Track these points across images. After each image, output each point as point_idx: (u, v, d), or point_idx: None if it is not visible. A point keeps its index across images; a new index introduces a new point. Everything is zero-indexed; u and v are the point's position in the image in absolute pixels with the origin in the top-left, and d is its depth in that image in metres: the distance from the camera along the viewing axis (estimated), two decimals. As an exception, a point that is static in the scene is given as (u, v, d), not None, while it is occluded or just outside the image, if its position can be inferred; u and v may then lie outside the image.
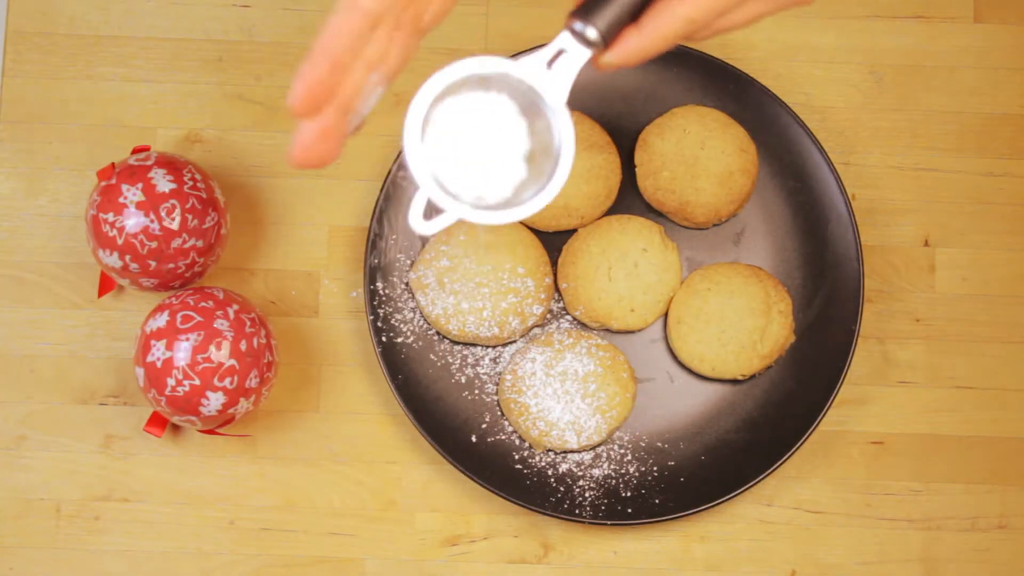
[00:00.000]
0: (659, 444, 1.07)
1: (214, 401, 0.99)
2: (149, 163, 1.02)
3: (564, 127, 0.77)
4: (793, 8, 0.79)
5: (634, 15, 0.75)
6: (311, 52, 0.73)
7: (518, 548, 1.07)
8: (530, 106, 0.78)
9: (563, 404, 1.04)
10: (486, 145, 0.78)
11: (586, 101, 1.10)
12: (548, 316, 1.08)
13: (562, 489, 1.05)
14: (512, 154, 0.79)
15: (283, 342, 1.08)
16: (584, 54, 0.76)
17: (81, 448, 1.07)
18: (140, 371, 1.00)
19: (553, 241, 1.09)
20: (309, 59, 0.73)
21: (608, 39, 0.76)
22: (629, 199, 1.10)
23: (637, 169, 1.09)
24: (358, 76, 0.74)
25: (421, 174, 0.76)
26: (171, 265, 1.02)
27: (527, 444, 1.06)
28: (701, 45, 1.11)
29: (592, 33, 0.75)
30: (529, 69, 0.77)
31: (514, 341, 1.08)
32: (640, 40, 0.76)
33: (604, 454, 1.06)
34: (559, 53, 0.77)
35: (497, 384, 1.07)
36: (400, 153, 1.08)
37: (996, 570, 1.07)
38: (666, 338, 1.08)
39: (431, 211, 0.77)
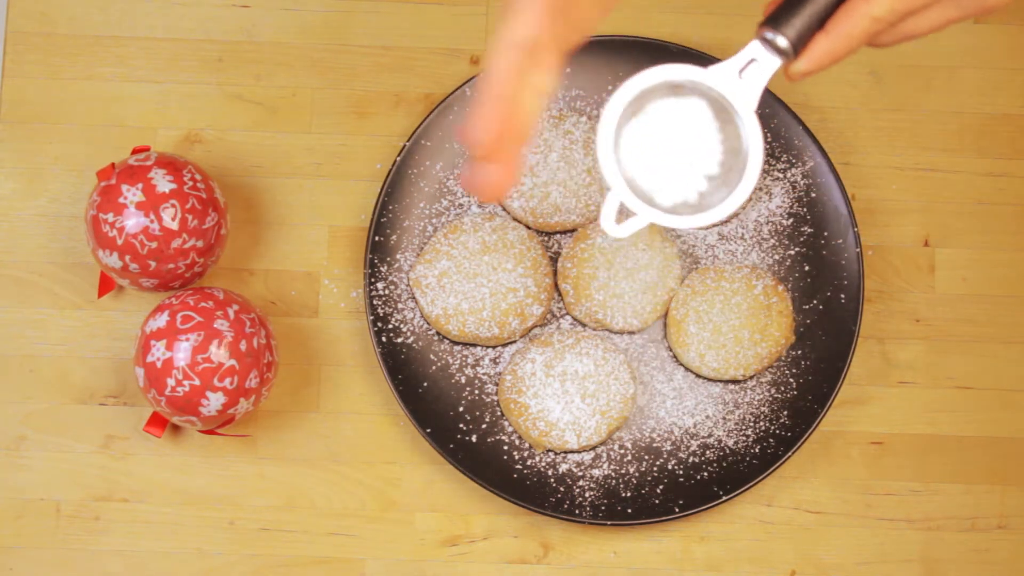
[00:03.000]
0: (659, 444, 1.07)
1: (214, 401, 0.99)
2: (149, 163, 1.02)
3: (753, 134, 0.78)
4: (980, 16, 0.79)
5: (822, 23, 0.77)
6: (484, 95, 0.75)
7: (518, 548, 1.07)
8: (720, 112, 0.79)
9: (563, 404, 1.04)
10: (679, 152, 0.80)
11: (587, 101, 1.10)
12: (548, 316, 1.08)
13: (562, 489, 1.05)
14: (706, 158, 0.80)
15: (283, 342, 1.08)
16: (774, 63, 0.78)
17: (81, 448, 1.07)
18: (140, 371, 1.00)
19: (553, 241, 1.09)
20: (483, 102, 0.75)
21: (798, 48, 0.77)
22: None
23: (637, 169, 1.09)
24: (529, 105, 0.76)
25: (614, 178, 0.78)
26: (171, 265, 1.02)
27: (527, 444, 1.06)
28: (701, 45, 1.11)
29: (783, 42, 0.77)
30: (720, 77, 0.78)
31: (514, 341, 1.08)
32: (829, 43, 0.77)
33: (604, 454, 1.06)
34: (750, 62, 0.78)
35: (497, 384, 1.07)
36: (400, 153, 1.08)
37: (996, 570, 1.07)
38: (666, 338, 1.08)
39: (624, 215, 0.79)
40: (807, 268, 1.09)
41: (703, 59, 1.07)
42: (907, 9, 0.77)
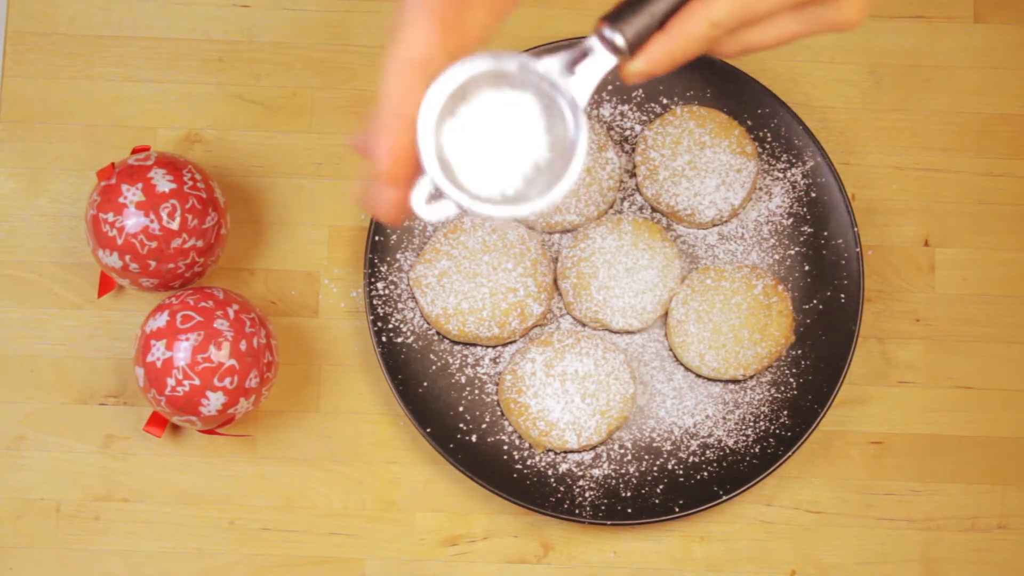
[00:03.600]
0: (659, 444, 1.07)
1: (214, 401, 0.99)
2: (149, 163, 1.02)
3: (580, 130, 0.77)
4: (830, 33, 0.78)
5: (662, 24, 0.76)
6: (380, 115, 0.74)
7: (518, 548, 1.07)
8: (549, 105, 0.78)
9: (563, 404, 1.04)
10: (502, 142, 0.79)
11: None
12: (548, 316, 1.08)
13: (562, 489, 1.05)
14: (526, 153, 0.79)
15: (283, 342, 1.08)
16: (610, 60, 0.77)
17: (81, 448, 1.07)
18: (140, 371, 1.00)
19: (553, 241, 1.09)
20: (380, 124, 0.74)
21: (635, 47, 0.76)
22: (629, 199, 1.10)
23: (637, 169, 1.09)
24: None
25: (429, 160, 0.76)
26: (171, 265, 1.02)
27: (527, 444, 1.06)
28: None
29: (620, 40, 0.76)
30: (552, 69, 0.77)
31: (514, 341, 1.08)
32: (666, 44, 0.76)
33: (604, 454, 1.06)
34: (584, 56, 0.77)
35: (497, 384, 1.07)
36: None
37: (996, 570, 1.07)
38: (666, 338, 1.08)
39: (436, 198, 0.78)
40: (807, 268, 1.09)
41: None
42: (745, 16, 0.75)
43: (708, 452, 1.06)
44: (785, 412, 1.06)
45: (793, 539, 1.07)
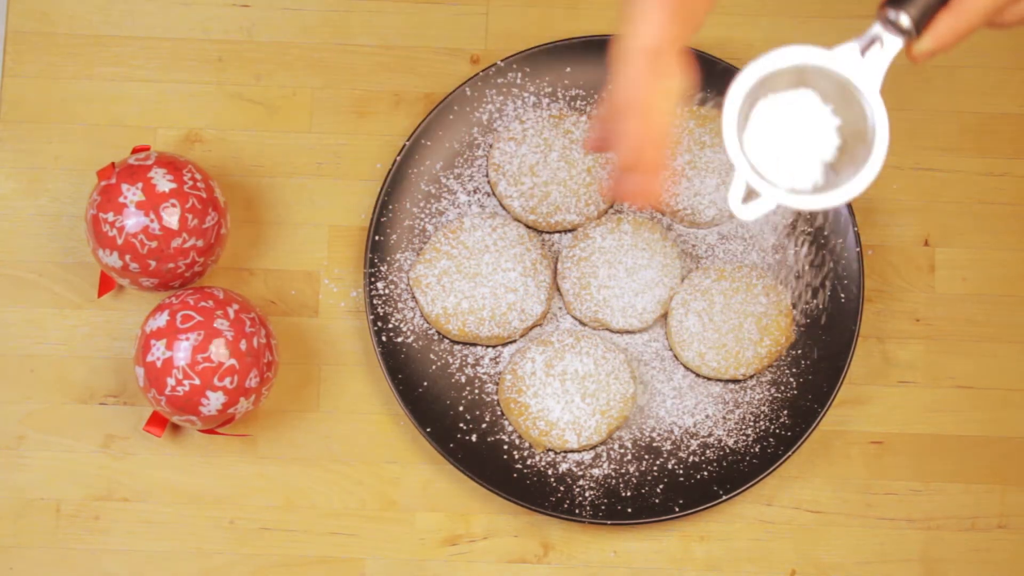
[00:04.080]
0: (659, 444, 1.07)
1: (214, 401, 0.99)
2: (149, 163, 1.02)
3: (878, 114, 0.79)
4: None
5: (944, 1, 0.77)
6: (617, 104, 0.75)
7: (518, 548, 1.07)
8: (843, 94, 0.80)
9: (563, 404, 1.04)
10: (802, 135, 0.81)
11: (587, 101, 1.10)
12: (548, 316, 1.08)
13: (562, 489, 1.05)
14: (826, 143, 0.81)
15: (283, 342, 1.08)
16: (897, 42, 0.79)
17: (81, 448, 1.07)
18: (140, 371, 1.00)
19: (553, 241, 1.09)
20: (620, 113, 0.75)
21: (920, 26, 0.78)
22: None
23: (637, 169, 1.09)
24: (662, 109, 0.76)
25: (740, 161, 0.78)
26: (171, 265, 1.02)
27: (527, 444, 1.06)
28: (701, 45, 1.11)
29: (905, 20, 0.78)
30: (844, 59, 0.79)
31: (514, 341, 1.08)
32: (952, 20, 0.77)
33: (604, 454, 1.06)
34: (872, 42, 0.79)
35: (497, 384, 1.07)
36: (400, 152, 1.08)
37: (996, 570, 1.07)
38: (666, 338, 1.08)
39: (751, 197, 0.80)
40: (807, 268, 1.09)
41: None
42: None
43: (708, 452, 1.06)
44: (785, 412, 1.06)
45: (793, 539, 1.07)
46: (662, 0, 0.76)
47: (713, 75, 1.10)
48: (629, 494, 1.05)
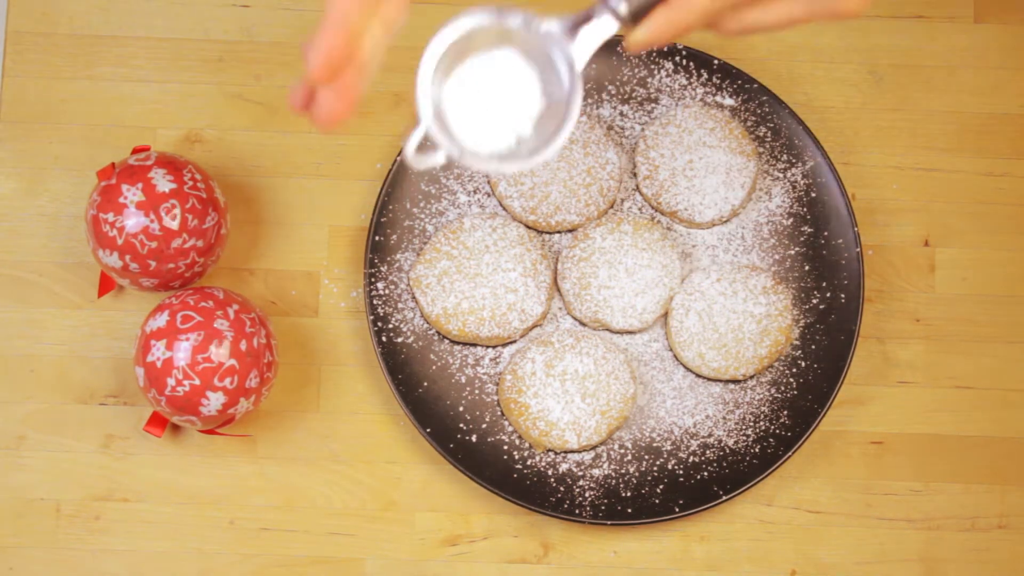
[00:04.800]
0: (659, 444, 1.07)
1: (214, 401, 0.99)
2: (149, 163, 1.02)
3: (576, 92, 0.78)
4: (831, 20, 0.78)
5: None
6: (324, 19, 0.74)
7: (518, 548, 1.07)
8: (547, 64, 0.79)
9: (563, 404, 1.04)
10: (498, 99, 0.80)
11: (586, 100, 1.10)
12: (548, 316, 1.08)
13: (562, 489, 1.05)
14: (522, 111, 0.80)
15: (283, 342, 1.08)
16: (612, 26, 0.78)
17: (81, 448, 1.07)
18: (140, 371, 1.00)
19: (553, 241, 1.09)
20: (323, 27, 0.74)
21: (638, 17, 0.77)
22: (629, 199, 1.10)
23: (637, 169, 1.09)
24: (374, 35, 0.75)
25: (425, 110, 0.78)
26: (171, 265, 1.02)
27: (527, 444, 1.06)
28: (701, 45, 1.11)
29: (623, 7, 0.77)
30: (555, 30, 0.78)
31: (514, 341, 1.08)
32: (668, 14, 0.77)
33: (604, 454, 1.06)
34: (587, 20, 0.78)
35: (497, 384, 1.07)
36: (400, 153, 1.08)
37: (996, 570, 1.07)
38: (666, 338, 1.08)
39: (427, 149, 0.79)
40: (807, 268, 1.09)
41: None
42: None
43: (708, 452, 1.06)
44: (785, 412, 1.06)
45: (793, 539, 1.07)
46: None
47: (713, 75, 1.10)
48: (629, 494, 1.05)
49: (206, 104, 1.12)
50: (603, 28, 0.78)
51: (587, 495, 1.05)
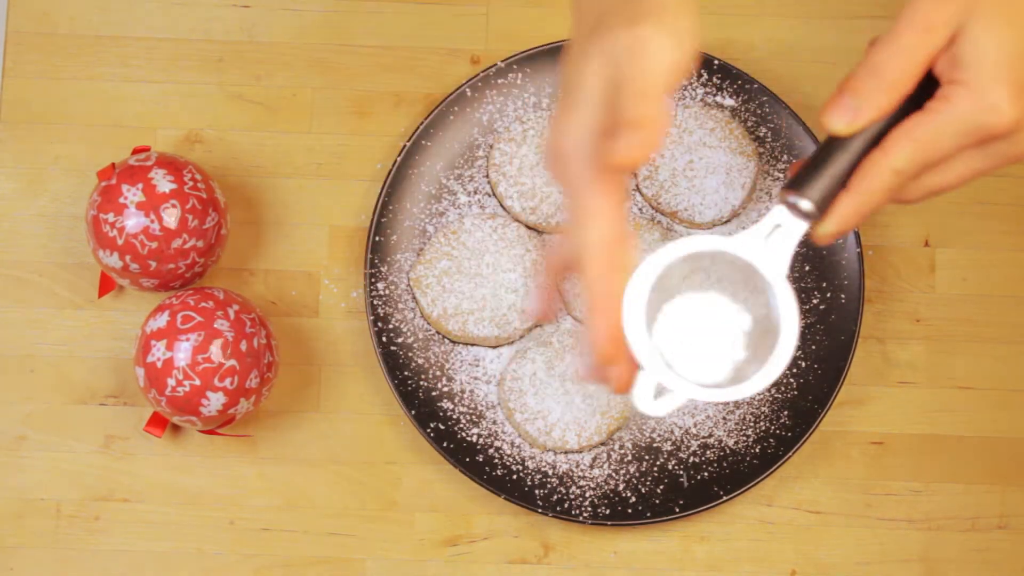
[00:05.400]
0: (659, 444, 1.07)
1: (214, 401, 0.99)
2: (149, 163, 1.02)
3: (785, 301, 0.78)
4: (1008, 166, 0.78)
5: (845, 182, 0.76)
6: (592, 301, 0.76)
7: (518, 548, 1.07)
8: (748, 281, 0.79)
9: (563, 404, 1.04)
10: (710, 327, 0.81)
11: (586, 101, 1.10)
12: (548, 316, 1.08)
13: (562, 489, 1.05)
14: (735, 332, 0.81)
15: (283, 342, 1.08)
16: (800, 227, 0.78)
17: (81, 448, 1.07)
18: (140, 371, 1.00)
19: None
20: (594, 308, 0.76)
21: (823, 208, 0.77)
22: (629, 199, 1.10)
23: (637, 169, 1.09)
24: (623, 288, 0.77)
25: (648, 358, 0.77)
26: (171, 265, 1.02)
27: (527, 444, 1.06)
28: (701, 45, 1.11)
29: (807, 205, 0.76)
30: (746, 246, 0.78)
31: (514, 341, 1.08)
32: (853, 201, 0.76)
33: (604, 454, 1.06)
34: (775, 228, 0.78)
35: (497, 384, 1.07)
36: (400, 153, 1.08)
37: (996, 570, 1.07)
38: (666, 338, 1.08)
39: (661, 393, 0.79)
40: (807, 268, 1.09)
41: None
42: (926, 160, 0.75)
43: (708, 452, 1.06)
44: (785, 412, 1.06)
45: (793, 539, 1.07)
46: (605, 191, 0.75)
47: (713, 75, 1.10)
48: (629, 495, 1.05)
49: (206, 104, 1.12)
50: (793, 231, 0.78)
51: (587, 495, 1.05)
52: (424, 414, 1.05)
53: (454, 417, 1.06)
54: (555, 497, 1.05)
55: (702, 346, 0.81)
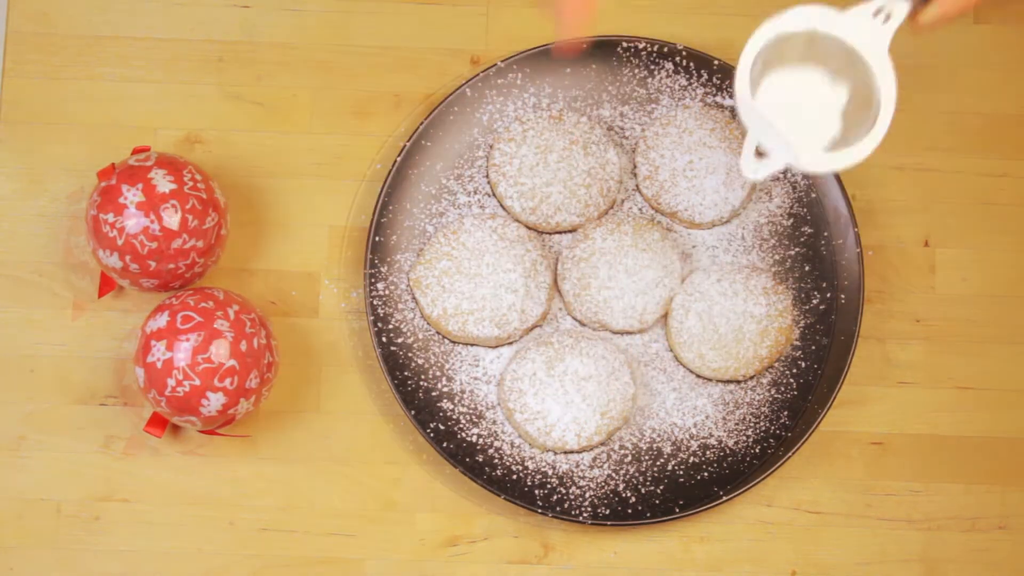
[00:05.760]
0: (659, 444, 1.07)
1: (214, 401, 0.99)
2: (149, 163, 1.02)
3: (885, 77, 0.83)
4: None
5: None
6: None
7: (518, 548, 1.07)
8: (850, 57, 0.83)
9: (563, 404, 1.04)
10: (812, 98, 0.85)
11: (586, 101, 1.10)
12: (548, 316, 1.08)
13: (562, 490, 1.05)
14: (834, 106, 0.84)
15: (283, 342, 1.08)
16: (904, 8, 0.82)
17: (81, 448, 1.07)
18: (140, 371, 1.00)
19: (553, 242, 1.09)
20: None
21: None
22: (629, 200, 1.10)
23: (637, 169, 1.09)
24: None
25: (752, 121, 0.82)
26: (171, 265, 1.02)
27: (527, 445, 1.06)
28: (701, 45, 1.11)
29: None
30: (853, 21, 0.82)
31: (514, 341, 1.08)
32: None
33: (604, 454, 1.06)
34: (880, 9, 0.83)
35: (497, 384, 1.07)
36: (400, 153, 1.08)
37: (996, 570, 1.07)
38: (666, 339, 1.08)
39: (760, 156, 0.83)
40: (807, 268, 1.09)
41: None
42: None
43: (708, 452, 1.06)
44: (785, 412, 1.06)
45: (793, 539, 1.07)
46: None
47: (713, 75, 1.10)
48: (629, 495, 1.05)
49: (206, 104, 1.12)
50: (898, 13, 0.82)
51: (587, 496, 1.05)
52: (424, 414, 1.05)
53: (454, 417, 1.06)
54: (555, 497, 1.05)
55: (800, 118, 0.84)
